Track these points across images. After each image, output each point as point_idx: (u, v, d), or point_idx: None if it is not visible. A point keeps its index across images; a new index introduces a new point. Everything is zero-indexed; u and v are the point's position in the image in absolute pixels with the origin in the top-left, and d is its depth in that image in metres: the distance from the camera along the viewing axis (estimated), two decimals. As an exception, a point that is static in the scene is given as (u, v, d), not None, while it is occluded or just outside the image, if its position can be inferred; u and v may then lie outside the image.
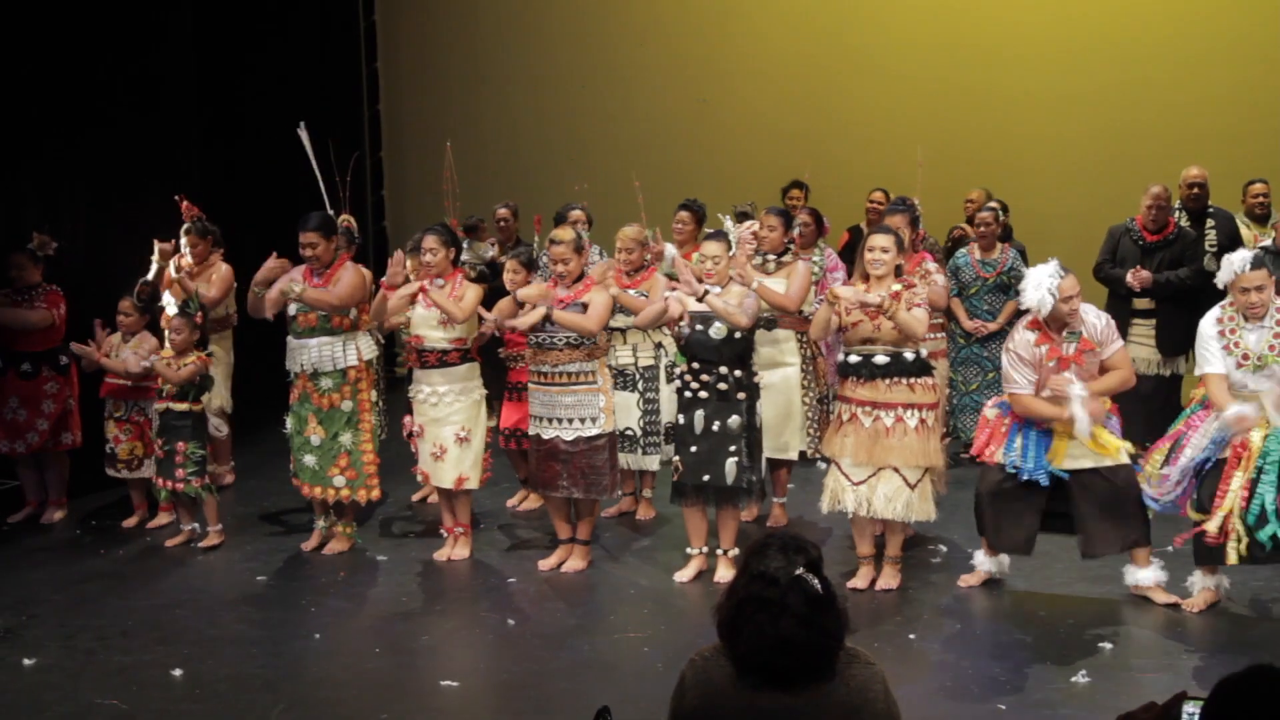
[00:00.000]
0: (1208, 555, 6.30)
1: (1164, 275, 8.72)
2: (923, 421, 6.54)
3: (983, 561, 6.82)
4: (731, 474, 6.68)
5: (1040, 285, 6.35)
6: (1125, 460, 6.37)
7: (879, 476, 6.59)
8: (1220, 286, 6.39)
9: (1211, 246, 9.06)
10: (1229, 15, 10.90)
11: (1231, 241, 8.88)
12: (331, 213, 7.54)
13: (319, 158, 7.73)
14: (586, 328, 6.81)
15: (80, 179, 9.25)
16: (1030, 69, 11.33)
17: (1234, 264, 6.27)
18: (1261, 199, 9.36)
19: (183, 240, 8.29)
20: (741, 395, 6.69)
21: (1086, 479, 6.39)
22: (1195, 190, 9.26)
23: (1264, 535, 6.04)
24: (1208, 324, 6.36)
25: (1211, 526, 6.10)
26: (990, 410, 6.72)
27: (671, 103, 12.19)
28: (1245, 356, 6.18)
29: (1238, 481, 6.07)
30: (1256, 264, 6.20)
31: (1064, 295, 6.32)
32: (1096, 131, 11.06)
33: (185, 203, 8.34)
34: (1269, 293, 6.16)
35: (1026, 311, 6.49)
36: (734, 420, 6.67)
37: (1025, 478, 6.40)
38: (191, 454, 7.48)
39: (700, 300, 6.62)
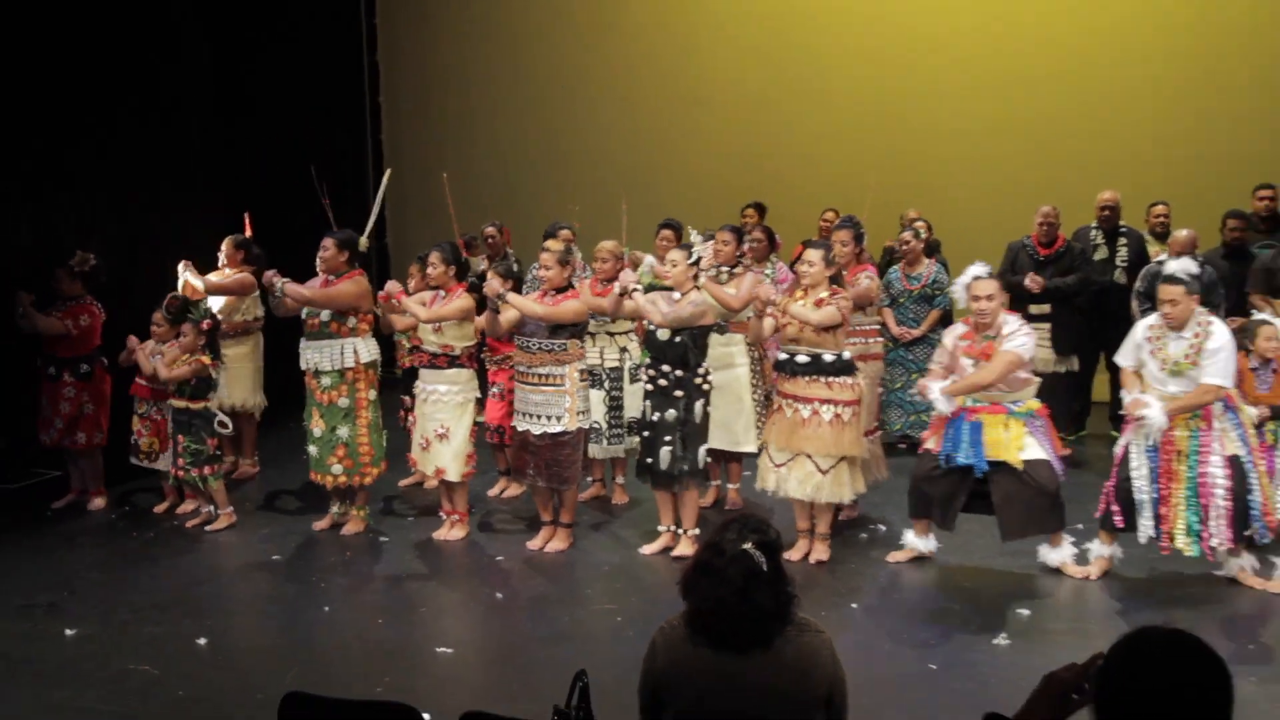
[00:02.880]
0: (1112, 526, 6.43)
1: (1054, 282, 8.86)
2: (838, 416, 6.62)
3: (912, 540, 6.88)
4: (666, 460, 6.78)
5: (962, 279, 6.59)
6: (1031, 457, 6.41)
7: (796, 461, 6.69)
8: (1138, 288, 6.52)
9: (1122, 262, 9.19)
10: (1140, 57, 10.94)
11: (1139, 257, 9.00)
12: (365, 240, 7.62)
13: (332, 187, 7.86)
14: (534, 312, 6.85)
15: (105, 193, 9.26)
16: (961, 103, 11.36)
17: (1150, 276, 6.43)
18: (1162, 219, 9.44)
19: (224, 246, 8.35)
20: (679, 393, 6.76)
21: (1008, 472, 6.43)
22: (1107, 211, 9.36)
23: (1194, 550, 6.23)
24: (1140, 328, 6.45)
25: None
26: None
27: (645, 132, 12.20)
28: (1165, 362, 6.26)
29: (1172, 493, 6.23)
30: (1170, 280, 6.29)
31: (973, 294, 6.46)
32: (1020, 157, 11.09)
33: (249, 220, 8.49)
34: (1182, 306, 6.20)
35: (947, 316, 6.68)
36: (670, 413, 6.76)
37: (955, 464, 6.47)
38: (189, 446, 7.52)
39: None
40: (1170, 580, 6.55)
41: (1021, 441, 6.42)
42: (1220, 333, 6.20)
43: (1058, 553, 6.60)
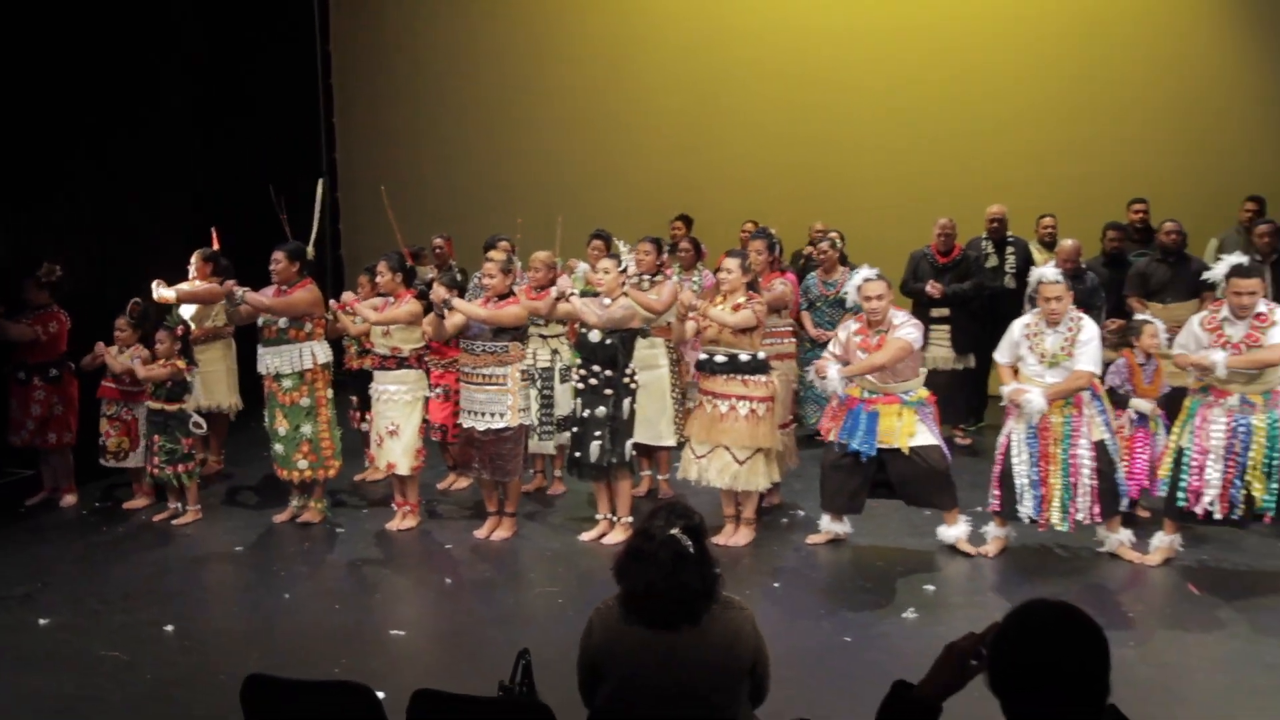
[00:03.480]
0: (1006, 512, 6.55)
1: (952, 288, 8.99)
2: (753, 411, 6.67)
3: (828, 524, 6.94)
4: (595, 453, 6.80)
5: (853, 281, 6.70)
6: (921, 443, 6.52)
7: (715, 453, 6.74)
8: (1030, 292, 6.64)
9: (1010, 269, 9.34)
10: (1028, 84, 11.09)
11: (1026, 264, 9.14)
12: (311, 250, 7.59)
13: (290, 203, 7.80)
14: (478, 316, 6.86)
15: (75, 208, 9.10)
16: (866, 125, 11.45)
17: (1037, 276, 6.54)
18: (1050, 230, 9.58)
19: (193, 259, 8.25)
20: (609, 391, 6.79)
21: (902, 457, 6.53)
22: (995, 223, 9.52)
23: (1063, 525, 6.39)
24: (1017, 326, 6.56)
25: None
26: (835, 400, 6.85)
27: (582, 151, 12.16)
28: (1044, 355, 6.39)
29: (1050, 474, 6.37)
30: (1056, 282, 6.39)
31: (864, 294, 6.57)
32: (919, 175, 11.20)
33: (216, 234, 8.39)
34: (1064, 304, 6.35)
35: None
36: (600, 410, 6.79)
37: (852, 450, 6.55)
38: (163, 445, 7.42)
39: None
40: (1058, 557, 6.68)
41: (913, 428, 6.52)
42: (1090, 327, 6.38)
43: (953, 530, 6.72)
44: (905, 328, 6.56)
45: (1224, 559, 6.54)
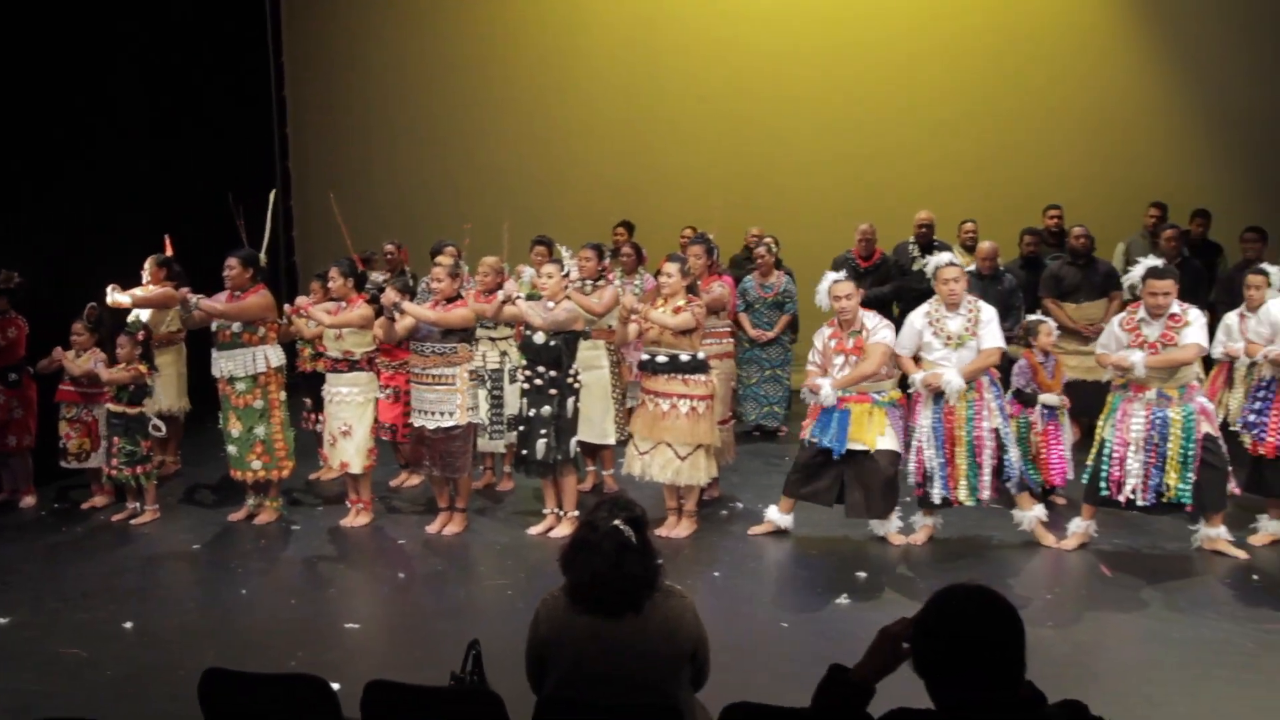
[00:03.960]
0: (927, 502, 6.63)
1: (873, 291, 9.08)
2: (693, 409, 6.69)
3: (773, 515, 6.96)
4: (541, 451, 6.78)
5: (823, 285, 6.71)
6: (881, 447, 6.54)
7: (657, 449, 6.75)
8: (929, 276, 6.72)
9: (937, 272, 9.43)
10: (952, 97, 11.29)
11: (951, 267, 9.24)
12: (264, 256, 7.48)
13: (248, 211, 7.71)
14: (426, 318, 6.81)
15: (32, 216, 8.90)
16: (801, 136, 11.56)
17: (935, 262, 6.63)
18: (971, 234, 9.71)
19: (147, 265, 8.11)
20: (553, 391, 6.77)
21: (861, 458, 6.57)
22: (923, 229, 9.63)
23: (972, 500, 6.49)
24: (915, 315, 6.63)
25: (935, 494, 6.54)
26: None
27: (528, 159, 12.13)
28: (949, 338, 6.46)
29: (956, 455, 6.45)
30: (952, 264, 6.52)
31: (834, 295, 6.61)
32: (848, 183, 11.33)
33: (169, 241, 8.24)
34: (962, 285, 6.45)
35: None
36: (545, 409, 6.77)
37: (823, 447, 6.57)
38: (123, 448, 7.28)
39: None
40: (981, 543, 6.76)
41: (883, 428, 6.55)
42: (987, 309, 6.51)
43: (885, 522, 6.78)
44: (880, 330, 6.62)
45: (1134, 542, 6.66)
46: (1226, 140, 11.03)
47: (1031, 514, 6.63)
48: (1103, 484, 6.39)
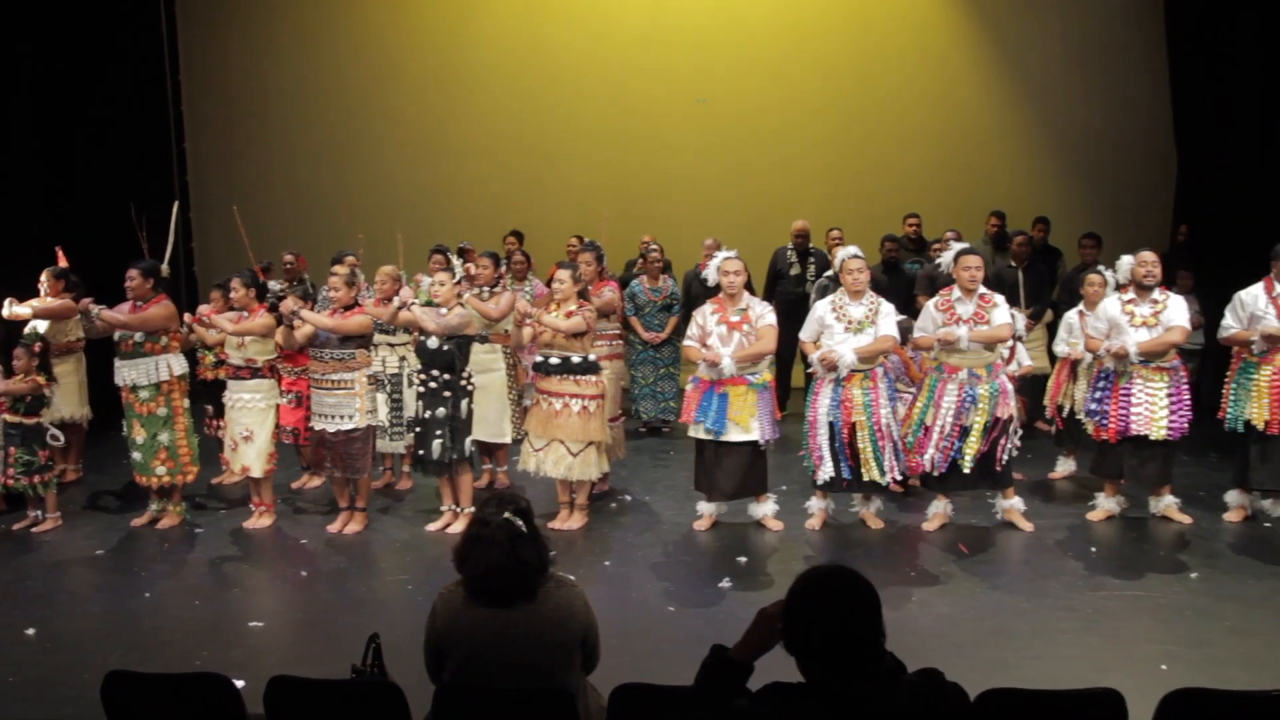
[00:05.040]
0: (825, 485, 6.70)
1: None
2: (585, 408, 6.70)
3: (704, 507, 6.95)
4: (437, 451, 6.72)
5: (714, 262, 6.80)
6: (753, 432, 6.61)
7: (551, 447, 6.75)
8: (826, 278, 6.86)
9: (812, 277, 9.61)
10: (821, 116, 11.53)
11: (823, 270, 9.46)
12: (166, 267, 7.26)
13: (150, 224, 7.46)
14: (324, 325, 6.73)
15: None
16: (682, 151, 11.66)
17: (842, 254, 6.77)
18: (837, 240, 9.83)
19: (44, 277, 7.78)
20: (448, 393, 6.71)
21: (736, 442, 6.63)
22: (800, 237, 9.80)
23: (885, 480, 6.61)
24: (821, 305, 6.76)
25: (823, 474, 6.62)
26: (688, 384, 6.88)
27: (422, 171, 11.99)
28: (850, 322, 6.58)
29: (858, 440, 6.55)
30: (857, 257, 6.66)
31: (724, 270, 6.69)
32: (729, 194, 11.47)
33: (61, 253, 7.91)
34: (865, 275, 6.60)
35: (688, 319, 6.91)
36: (440, 411, 6.71)
37: (704, 430, 6.61)
38: (19, 458, 6.98)
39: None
40: (850, 527, 6.88)
41: (754, 409, 6.61)
42: (887, 304, 6.67)
43: (762, 507, 6.88)
44: (768, 315, 6.71)
45: (987, 522, 6.85)
46: (1064, 156, 11.48)
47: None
48: (914, 461, 6.64)
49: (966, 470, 6.52)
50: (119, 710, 3.23)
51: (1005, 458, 6.59)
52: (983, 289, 6.59)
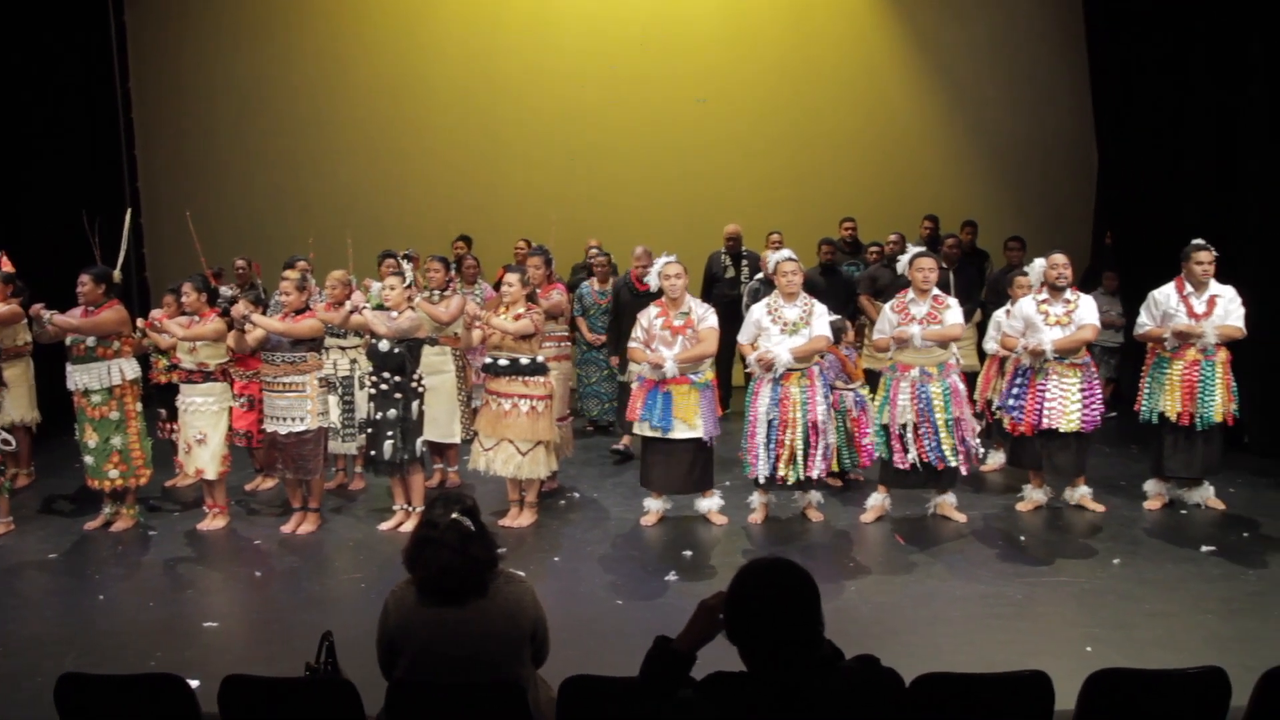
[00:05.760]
0: (765, 482, 6.73)
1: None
2: (533, 408, 6.69)
3: (650, 503, 6.97)
4: (388, 451, 6.67)
5: (656, 267, 6.80)
6: (697, 430, 6.63)
7: (500, 446, 6.73)
8: (770, 270, 6.90)
9: (746, 279, 9.65)
10: (762, 124, 11.60)
11: (756, 273, 9.51)
12: (118, 273, 7.10)
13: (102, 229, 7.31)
14: (275, 329, 6.66)
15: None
16: (626, 158, 11.67)
17: (775, 257, 6.82)
18: (776, 243, 9.81)
19: None
20: (398, 395, 6.66)
21: (681, 440, 6.65)
22: (731, 241, 9.84)
23: (794, 479, 6.62)
24: (757, 309, 6.79)
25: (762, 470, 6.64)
26: (634, 383, 6.89)
27: (373, 178, 11.87)
28: (785, 324, 6.62)
29: (788, 436, 6.57)
30: (790, 260, 6.70)
31: (665, 274, 6.69)
32: (674, 202, 11.49)
33: (5, 256, 7.72)
34: (799, 278, 6.65)
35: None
36: (391, 413, 6.65)
37: (650, 428, 6.62)
38: None
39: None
40: (792, 521, 6.93)
41: (697, 408, 6.63)
42: (820, 305, 6.71)
43: (707, 502, 6.91)
44: (710, 317, 6.72)
45: (923, 513, 6.94)
46: (991, 161, 11.66)
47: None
48: (893, 460, 6.67)
49: (949, 466, 6.57)
50: (73, 713, 3.17)
51: (967, 456, 6.64)
52: (936, 290, 6.66)
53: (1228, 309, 6.70)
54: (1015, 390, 6.87)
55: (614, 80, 11.67)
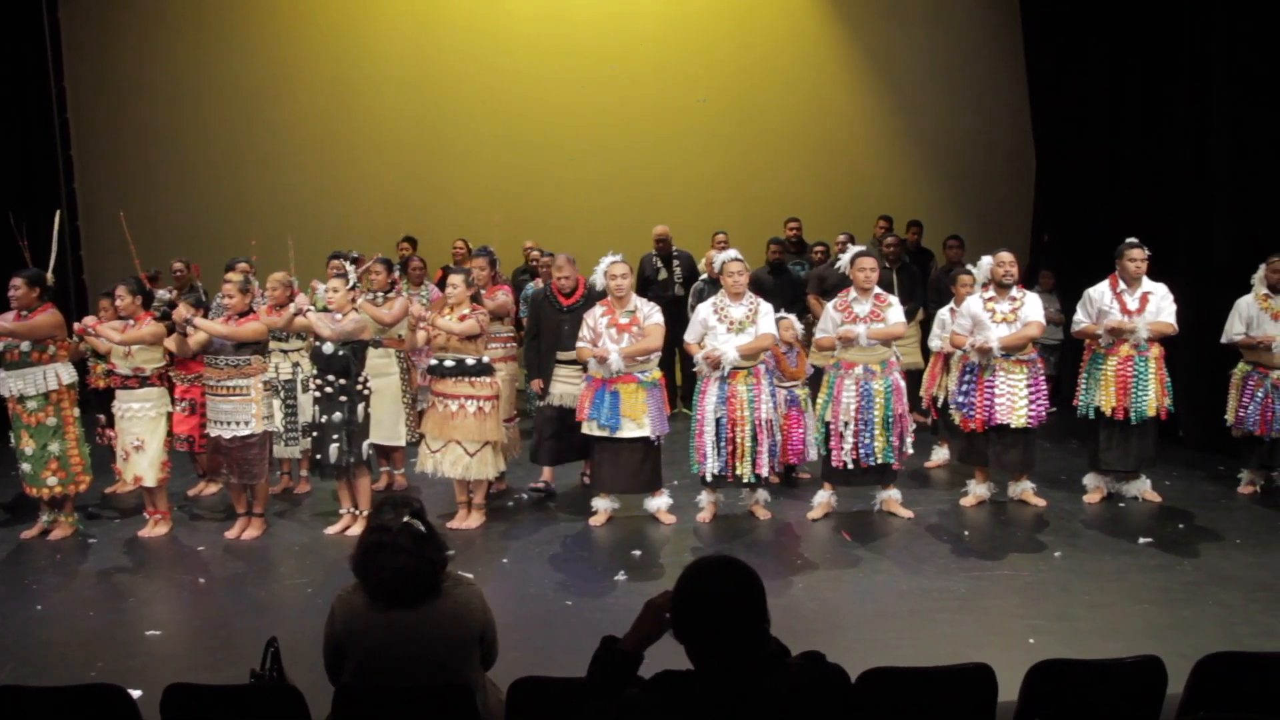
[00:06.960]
0: (713, 481, 6.75)
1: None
2: (480, 409, 6.66)
3: (599, 503, 6.95)
4: (334, 454, 6.61)
5: (601, 267, 6.82)
6: (645, 429, 6.64)
7: (448, 447, 6.69)
8: (715, 270, 6.93)
9: (678, 279, 9.69)
10: (705, 125, 11.66)
11: (691, 274, 9.60)
12: (51, 276, 6.93)
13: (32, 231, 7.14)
14: (219, 332, 6.57)
15: None
16: (569, 159, 11.66)
17: (721, 258, 6.83)
18: (722, 242, 9.89)
19: None
20: (343, 398, 6.60)
21: (629, 439, 6.65)
22: (660, 243, 9.90)
23: (751, 477, 6.66)
24: (704, 308, 6.81)
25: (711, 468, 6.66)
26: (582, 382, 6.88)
27: (317, 179, 11.74)
28: (732, 323, 6.65)
29: (738, 434, 6.60)
30: (736, 260, 6.73)
31: (610, 274, 6.72)
32: (618, 203, 11.50)
33: None
34: (744, 278, 6.69)
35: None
36: (336, 416, 6.59)
37: (598, 427, 6.63)
38: None
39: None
40: (748, 518, 6.95)
41: (645, 406, 6.64)
42: (765, 305, 6.75)
43: (656, 501, 6.92)
44: (655, 314, 6.73)
45: (868, 509, 7.02)
46: (933, 162, 11.82)
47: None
48: (832, 458, 6.75)
49: (879, 463, 6.65)
50: (8, 726, 3.09)
51: (902, 452, 6.76)
52: (878, 289, 6.74)
53: (1160, 305, 6.85)
54: (965, 388, 6.96)
55: (558, 81, 11.66)
